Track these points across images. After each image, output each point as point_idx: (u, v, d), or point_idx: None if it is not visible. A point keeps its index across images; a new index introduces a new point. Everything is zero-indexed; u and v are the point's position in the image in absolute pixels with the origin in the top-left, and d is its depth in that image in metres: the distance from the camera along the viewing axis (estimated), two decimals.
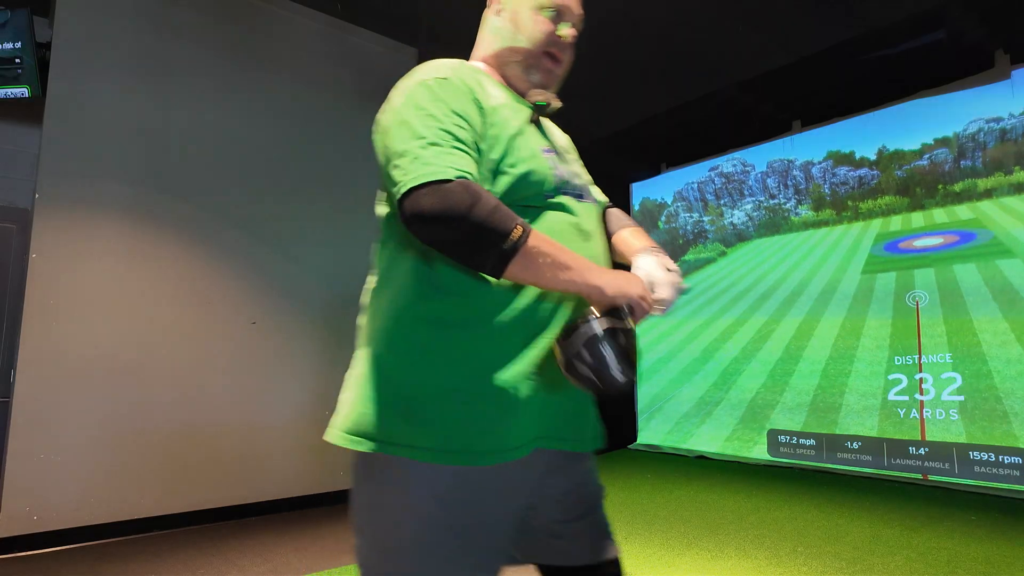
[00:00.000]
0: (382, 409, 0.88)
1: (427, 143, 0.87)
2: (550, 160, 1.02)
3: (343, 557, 3.07)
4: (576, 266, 0.88)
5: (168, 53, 3.83)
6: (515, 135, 0.97)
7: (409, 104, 0.93)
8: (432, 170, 0.83)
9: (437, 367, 0.88)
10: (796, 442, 5.04)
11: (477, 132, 0.93)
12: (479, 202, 0.82)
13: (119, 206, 3.57)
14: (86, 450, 3.35)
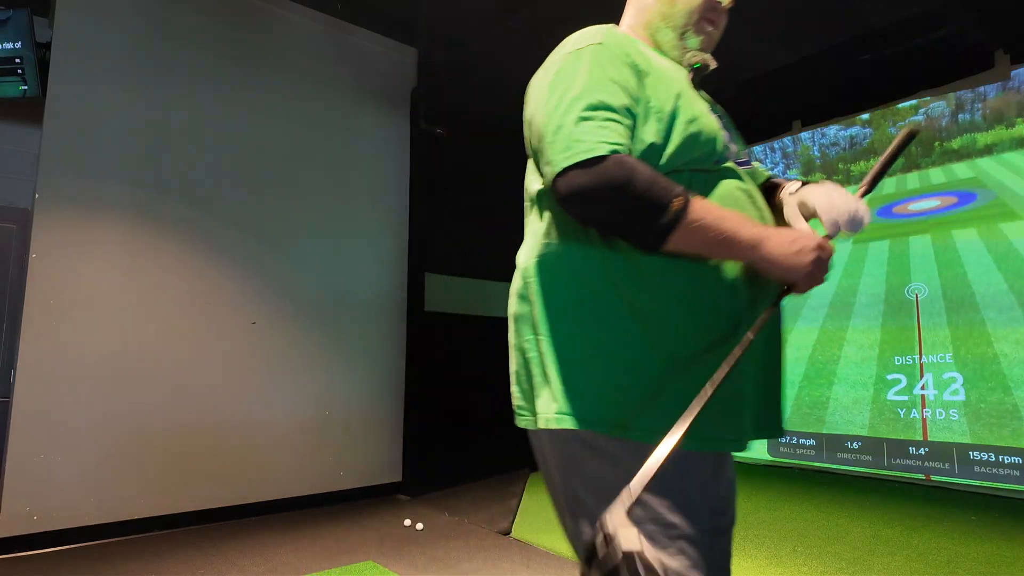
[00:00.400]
0: (627, 394, 0.85)
1: (579, 118, 0.84)
2: (716, 121, 0.97)
3: (343, 557, 3.07)
4: (743, 235, 0.83)
5: (168, 53, 3.83)
6: (679, 95, 0.93)
7: (561, 76, 0.91)
8: (585, 147, 0.82)
9: (687, 348, 0.86)
10: (796, 442, 5.04)
11: (633, 97, 0.89)
12: (635, 177, 0.80)
13: (119, 206, 3.57)
14: (86, 450, 3.35)
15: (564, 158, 0.83)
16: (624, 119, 0.87)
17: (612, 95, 0.87)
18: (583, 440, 0.88)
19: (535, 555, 3.08)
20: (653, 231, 0.81)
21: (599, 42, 0.92)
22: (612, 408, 0.86)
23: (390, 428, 4.64)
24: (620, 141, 0.84)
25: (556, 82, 0.91)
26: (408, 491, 4.53)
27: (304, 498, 4.12)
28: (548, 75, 0.93)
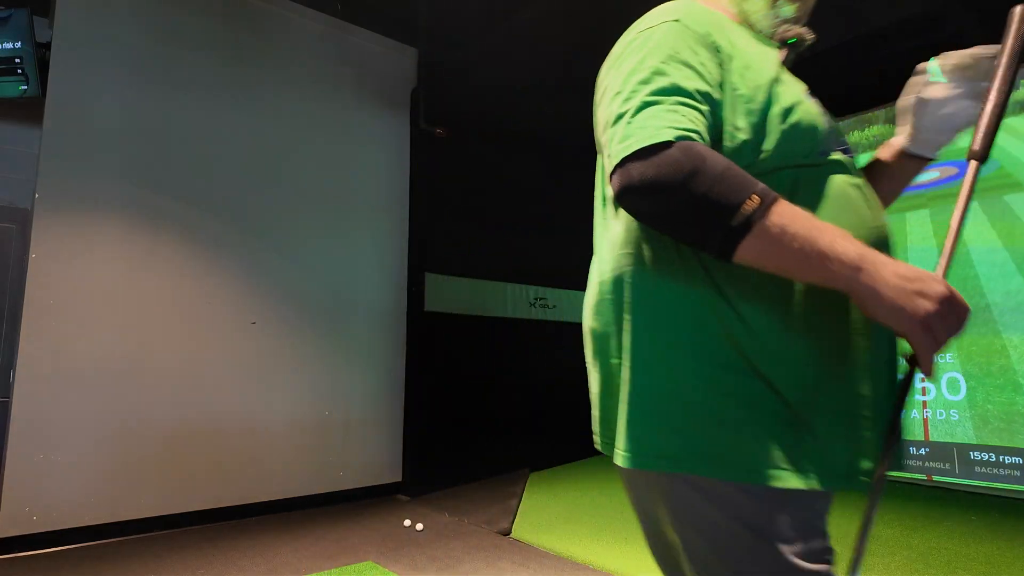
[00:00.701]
0: (741, 430, 0.73)
1: (642, 103, 0.73)
2: (816, 105, 0.83)
3: (343, 557, 3.07)
4: (841, 253, 0.65)
5: (168, 53, 3.83)
6: (774, 81, 0.79)
7: (627, 59, 0.80)
8: (646, 134, 0.70)
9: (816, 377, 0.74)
10: None
11: (714, 84, 0.77)
12: (702, 167, 0.67)
13: (119, 206, 3.57)
14: (86, 450, 3.35)
15: (623, 148, 0.71)
16: (700, 104, 0.74)
17: (686, 78, 0.75)
18: (691, 483, 0.76)
19: (535, 555, 3.08)
20: (719, 235, 0.67)
21: (675, 19, 0.80)
22: (724, 447, 0.73)
23: (390, 428, 4.64)
24: (692, 127, 0.71)
25: (621, 66, 0.80)
26: (408, 491, 4.53)
27: (304, 498, 4.12)
28: (614, 60, 0.83)
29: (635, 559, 2.91)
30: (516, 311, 5.37)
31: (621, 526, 3.46)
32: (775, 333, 0.74)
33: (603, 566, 2.88)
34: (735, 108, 0.77)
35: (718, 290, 0.75)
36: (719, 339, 0.74)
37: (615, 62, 0.82)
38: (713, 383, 0.74)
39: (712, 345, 0.74)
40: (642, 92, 0.74)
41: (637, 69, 0.77)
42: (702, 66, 0.77)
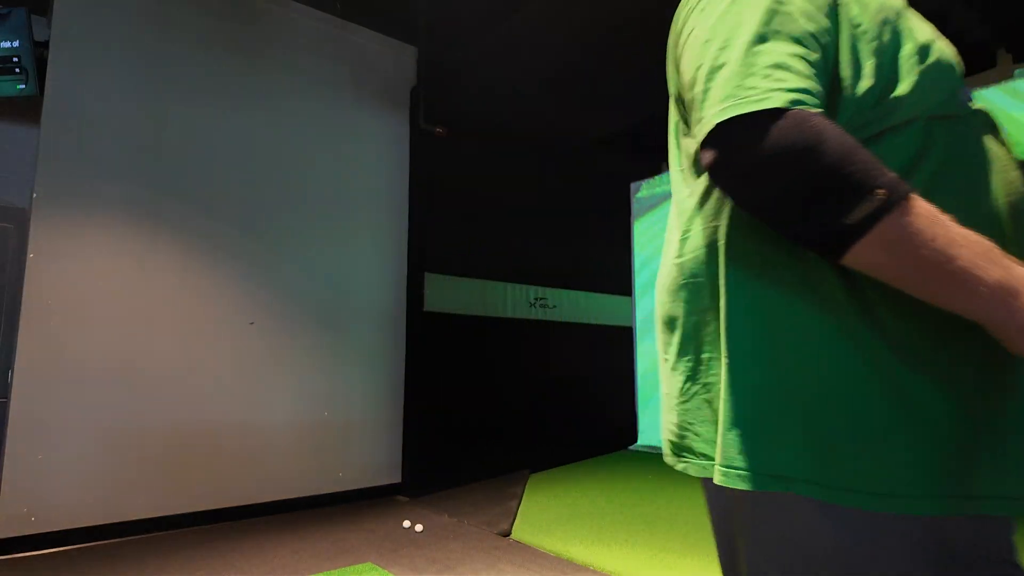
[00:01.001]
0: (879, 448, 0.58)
1: (744, 53, 0.59)
2: (949, 45, 0.68)
3: (342, 558, 3.05)
4: (986, 276, 0.51)
5: (167, 52, 3.82)
6: (899, 14, 0.65)
7: (719, 4, 0.65)
8: (754, 95, 0.56)
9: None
10: None
11: (825, 18, 0.62)
12: (818, 147, 0.53)
13: (117, 206, 3.56)
14: (85, 450, 3.34)
15: (719, 111, 0.58)
16: (812, 51, 0.60)
17: (793, 21, 0.60)
18: (824, 511, 0.60)
19: (535, 557, 3.07)
20: (831, 234, 0.54)
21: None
22: (874, 465, 0.58)
23: (390, 429, 4.63)
24: (805, 87, 0.57)
25: (711, 8, 0.65)
26: (407, 492, 4.52)
27: (304, 499, 4.11)
28: (703, 3, 0.68)
29: (635, 561, 2.90)
30: (516, 311, 5.36)
31: (621, 527, 3.45)
32: (922, 324, 0.58)
33: (603, 567, 2.87)
34: (856, 47, 0.62)
35: (836, 277, 0.60)
36: (845, 333, 0.59)
37: (709, 9, 0.66)
38: (851, 380, 0.58)
39: (839, 342, 0.59)
40: (741, 40, 0.60)
41: (734, 15, 0.62)
42: (812, 11, 0.62)
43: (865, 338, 0.58)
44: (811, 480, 0.59)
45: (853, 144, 0.54)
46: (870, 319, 0.59)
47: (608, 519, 3.62)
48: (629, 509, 3.85)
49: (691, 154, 0.74)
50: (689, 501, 4.01)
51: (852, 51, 0.63)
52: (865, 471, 0.57)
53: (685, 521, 3.56)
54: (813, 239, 0.56)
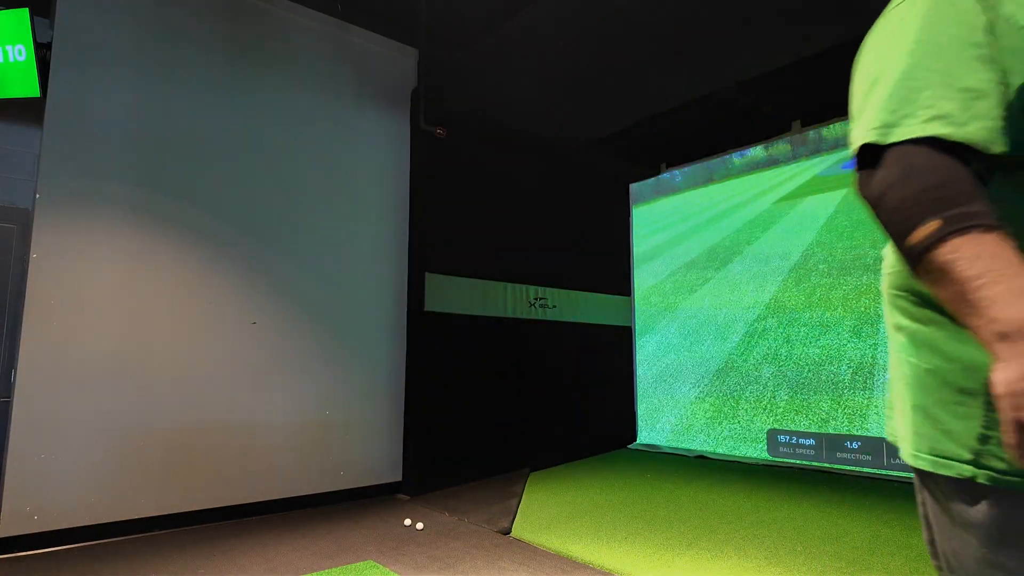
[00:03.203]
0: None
1: (895, 81, 0.68)
2: None
3: (343, 557, 3.07)
4: (996, 316, 0.56)
5: (168, 53, 3.83)
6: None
7: (889, 29, 0.73)
8: (873, 129, 0.67)
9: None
10: (796, 442, 5.04)
11: (982, 38, 0.67)
12: (898, 183, 0.63)
13: (119, 206, 3.58)
14: (86, 450, 3.36)
15: (858, 135, 0.70)
16: (964, 79, 0.65)
17: (944, 59, 0.67)
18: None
19: (535, 555, 3.09)
20: (903, 256, 0.65)
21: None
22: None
23: (390, 428, 4.65)
24: (939, 114, 0.64)
25: (881, 37, 0.74)
26: (408, 491, 4.54)
27: (304, 498, 4.13)
28: (884, 20, 0.76)
29: (635, 558, 2.92)
30: (516, 311, 5.37)
31: (621, 525, 3.46)
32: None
33: (603, 565, 2.88)
34: (1018, 47, 0.65)
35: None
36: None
37: (877, 30, 0.76)
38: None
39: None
40: (887, 80, 0.69)
41: (887, 53, 0.71)
42: (966, 27, 0.67)
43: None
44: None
45: (940, 177, 0.62)
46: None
47: (607, 517, 3.63)
48: (628, 507, 3.86)
49: None
50: (689, 499, 4.03)
51: (1018, 53, 0.66)
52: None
53: (684, 519, 3.57)
54: (902, 257, 0.66)
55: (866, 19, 3.32)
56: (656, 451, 6.00)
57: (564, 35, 3.91)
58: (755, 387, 5.40)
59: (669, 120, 5.42)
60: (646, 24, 3.79)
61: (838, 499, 3.92)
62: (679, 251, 6.39)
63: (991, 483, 0.66)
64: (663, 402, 6.17)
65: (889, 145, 0.66)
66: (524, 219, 5.57)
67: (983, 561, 0.68)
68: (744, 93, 4.96)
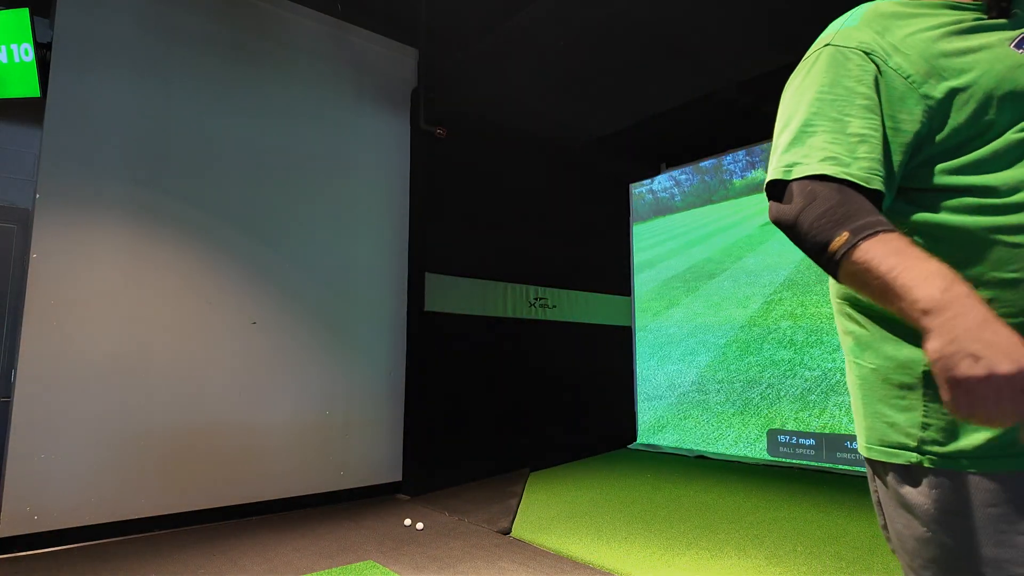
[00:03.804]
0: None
1: (798, 128, 0.80)
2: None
3: (343, 556, 3.07)
4: (909, 292, 0.65)
5: (168, 53, 3.83)
6: (939, 58, 0.78)
7: (795, 82, 0.86)
8: (780, 168, 0.80)
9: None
10: (796, 442, 5.04)
11: (870, 103, 0.78)
12: (806, 208, 0.76)
13: (120, 206, 3.58)
14: (86, 450, 3.36)
15: (770, 173, 0.82)
16: (851, 132, 0.78)
17: (832, 117, 0.79)
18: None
19: (535, 554, 3.09)
20: (824, 265, 0.76)
21: (825, 44, 0.84)
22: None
23: (390, 428, 4.65)
24: (827, 156, 0.77)
25: (790, 89, 0.87)
26: (408, 491, 4.54)
27: (304, 498, 4.13)
28: (795, 73, 0.88)
29: (634, 558, 2.92)
30: (516, 311, 5.37)
31: (620, 525, 3.46)
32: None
33: (603, 565, 2.88)
34: (902, 113, 0.78)
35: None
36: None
37: (793, 78, 0.88)
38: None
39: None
40: (792, 127, 0.82)
41: (796, 101, 0.84)
42: (856, 80, 0.79)
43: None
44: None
45: (837, 200, 0.74)
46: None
47: (607, 517, 3.63)
48: (628, 507, 3.86)
49: None
50: (689, 499, 4.03)
51: (900, 118, 0.80)
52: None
53: (684, 519, 3.57)
54: (823, 268, 0.77)
55: None
56: (656, 451, 6.00)
57: (564, 35, 3.91)
58: (755, 387, 5.40)
59: (669, 120, 5.42)
60: (646, 24, 3.79)
61: (838, 499, 3.91)
62: (676, 261, 6.40)
63: (932, 465, 0.75)
64: (663, 402, 6.17)
65: (793, 180, 0.78)
66: (524, 219, 5.57)
67: (923, 539, 0.77)
68: (744, 93, 4.96)
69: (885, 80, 0.79)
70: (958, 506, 0.74)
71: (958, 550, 0.73)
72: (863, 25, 0.82)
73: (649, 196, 6.73)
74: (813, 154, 0.77)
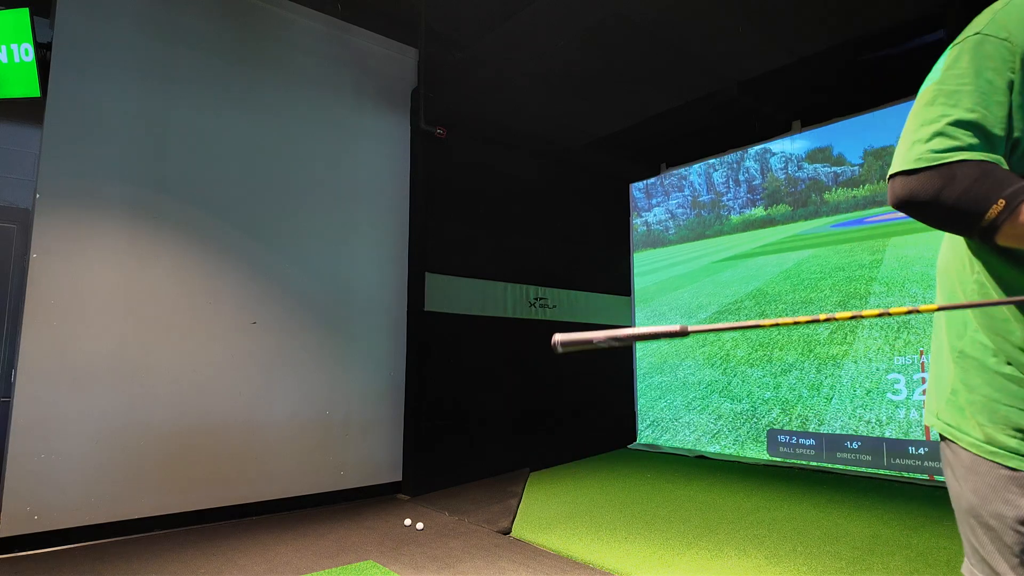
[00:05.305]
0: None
1: (924, 123, 0.86)
2: None
3: (343, 556, 3.07)
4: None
5: (168, 53, 3.83)
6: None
7: (939, 70, 0.90)
8: (909, 157, 0.85)
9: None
10: (796, 442, 5.04)
11: (1006, 99, 0.84)
12: (948, 185, 0.81)
13: (119, 206, 3.58)
14: (86, 450, 3.36)
15: (894, 166, 0.88)
16: (979, 122, 0.84)
17: (973, 98, 0.84)
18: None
19: (535, 554, 3.09)
20: (978, 232, 0.82)
21: (975, 32, 0.87)
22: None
23: (390, 428, 4.65)
24: (957, 144, 0.83)
25: (934, 74, 0.90)
26: (408, 491, 4.54)
27: (304, 498, 4.13)
28: (943, 58, 0.91)
29: (634, 558, 2.92)
30: (516, 311, 5.37)
31: (620, 525, 3.46)
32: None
33: (603, 565, 2.88)
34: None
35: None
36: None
37: (940, 61, 0.92)
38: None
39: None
40: (931, 115, 0.87)
41: (936, 90, 0.88)
42: (990, 85, 0.85)
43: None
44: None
45: (977, 176, 0.80)
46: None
47: (607, 517, 3.63)
48: (628, 507, 3.86)
49: None
50: (689, 499, 4.03)
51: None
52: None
53: (684, 519, 3.57)
54: (971, 236, 0.84)
55: (865, 19, 3.31)
56: (656, 451, 6.00)
57: (564, 35, 3.91)
58: (755, 386, 5.40)
59: (669, 120, 5.42)
60: (646, 24, 3.79)
61: (838, 499, 3.91)
62: (675, 263, 6.40)
63: (943, 434, 0.99)
64: (663, 402, 6.17)
65: (910, 171, 0.85)
66: (524, 219, 5.57)
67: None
68: (744, 93, 4.96)
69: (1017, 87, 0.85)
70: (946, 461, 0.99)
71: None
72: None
73: (643, 228, 6.77)
74: (953, 141, 0.84)
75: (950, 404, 0.95)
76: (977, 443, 0.91)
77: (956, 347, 0.94)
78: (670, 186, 6.57)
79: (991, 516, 0.89)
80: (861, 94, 4.92)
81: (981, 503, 0.91)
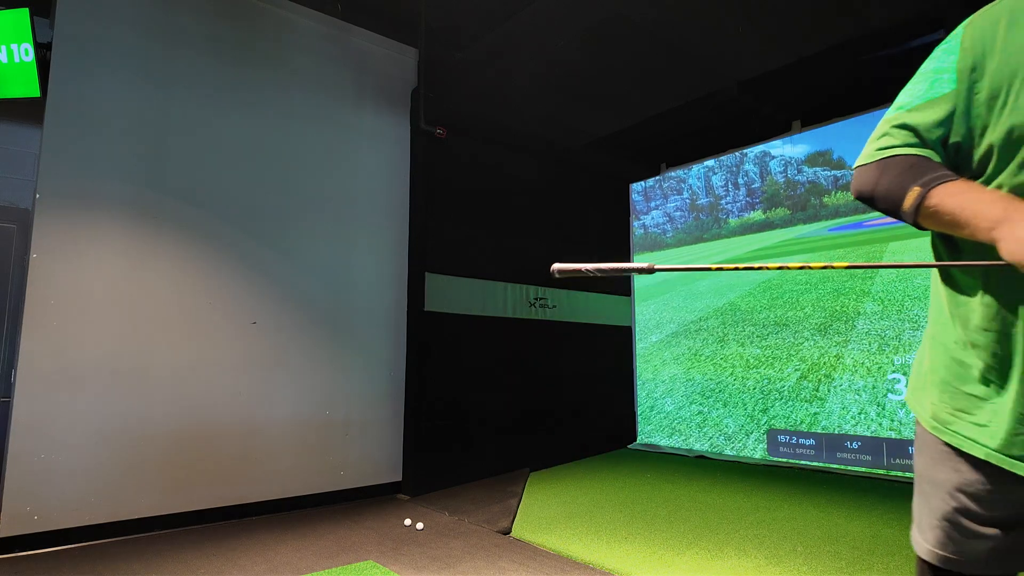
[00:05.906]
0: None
1: (881, 124, 0.97)
2: None
3: (343, 556, 3.07)
4: (984, 215, 0.81)
5: (168, 53, 3.83)
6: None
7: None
8: (863, 154, 0.98)
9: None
10: (796, 442, 5.04)
11: (948, 105, 0.92)
12: (881, 177, 0.92)
13: (119, 206, 3.58)
14: (86, 450, 3.36)
15: (858, 160, 0.99)
16: (926, 121, 0.93)
17: (919, 108, 0.94)
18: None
19: (535, 554, 3.09)
20: (906, 218, 0.91)
21: (947, 40, 0.99)
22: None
23: (390, 428, 4.65)
24: (900, 142, 0.93)
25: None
26: (408, 491, 4.54)
27: (304, 498, 4.13)
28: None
29: (634, 558, 2.92)
30: (516, 311, 5.37)
31: (620, 525, 3.46)
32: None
33: (603, 565, 2.88)
34: (978, 110, 0.90)
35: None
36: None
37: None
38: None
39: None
40: (885, 118, 0.98)
41: (899, 95, 1.00)
42: (934, 91, 0.94)
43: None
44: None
45: (905, 167, 0.90)
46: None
47: (607, 517, 3.63)
48: (628, 507, 3.86)
49: None
50: (689, 499, 4.03)
51: (976, 113, 0.92)
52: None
53: (684, 519, 3.57)
54: (908, 221, 0.91)
55: (865, 19, 3.29)
56: (656, 451, 6.00)
57: (564, 35, 3.91)
58: (756, 386, 5.40)
59: (669, 120, 5.42)
60: (646, 24, 3.79)
61: (838, 499, 3.91)
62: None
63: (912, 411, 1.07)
64: (663, 402, 6.17)
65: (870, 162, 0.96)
66: (524, 219, 5.57)
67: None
68: (744, 93, 4.96)
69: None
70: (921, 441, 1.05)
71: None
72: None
73: (641, 231, 6.77)
74: (897, 136, 0.95)
75: (917, 383, 1.06)
76: (926, 419, 1.01)
77: (931, 332, 1.04)
78: (668, 189, 6.56)
79: (927, 482, 1.01)
80: (861, 94, 4.92)
81: (924, 470, 1.03)
